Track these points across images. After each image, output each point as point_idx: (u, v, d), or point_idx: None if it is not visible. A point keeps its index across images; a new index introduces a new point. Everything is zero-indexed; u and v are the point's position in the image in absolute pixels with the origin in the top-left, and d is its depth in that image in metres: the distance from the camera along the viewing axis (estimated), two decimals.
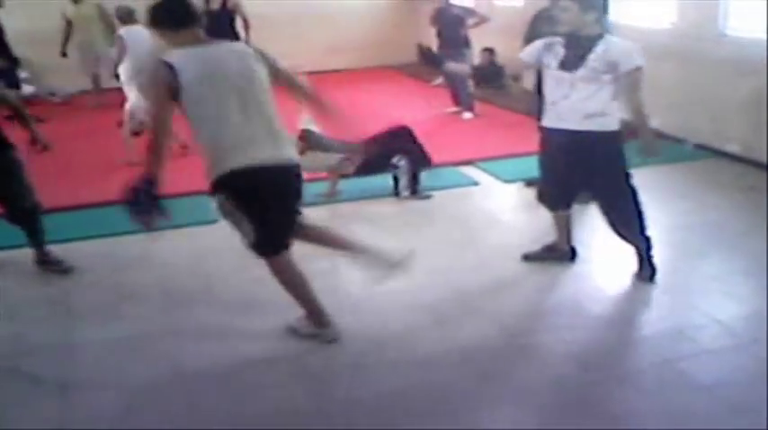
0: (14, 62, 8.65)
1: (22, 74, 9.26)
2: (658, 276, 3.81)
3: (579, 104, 3.52)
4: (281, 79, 3.19)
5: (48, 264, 4.26)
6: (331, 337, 3.33)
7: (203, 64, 2.99)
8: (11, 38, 8.45)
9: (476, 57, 9.16)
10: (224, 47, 3.14)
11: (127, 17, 7.95)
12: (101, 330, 3.55)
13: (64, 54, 8.94)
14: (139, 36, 7.85)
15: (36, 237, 4.25)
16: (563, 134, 3.62)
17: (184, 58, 2.98)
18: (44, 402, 2.97)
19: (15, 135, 4.24)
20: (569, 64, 3.51)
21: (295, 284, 3.28)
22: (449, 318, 3.51)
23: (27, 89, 9.42)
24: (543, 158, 3.88)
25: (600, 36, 3.49)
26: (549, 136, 3.75)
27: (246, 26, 8.18)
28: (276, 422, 2.79)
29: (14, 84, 8.74)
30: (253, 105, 3.03)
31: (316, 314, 3.34)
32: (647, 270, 3.79)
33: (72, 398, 3.00)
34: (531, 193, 5.27)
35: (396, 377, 3.05)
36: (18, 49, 8.70)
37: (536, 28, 4.93)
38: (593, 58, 3.44)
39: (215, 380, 3.07)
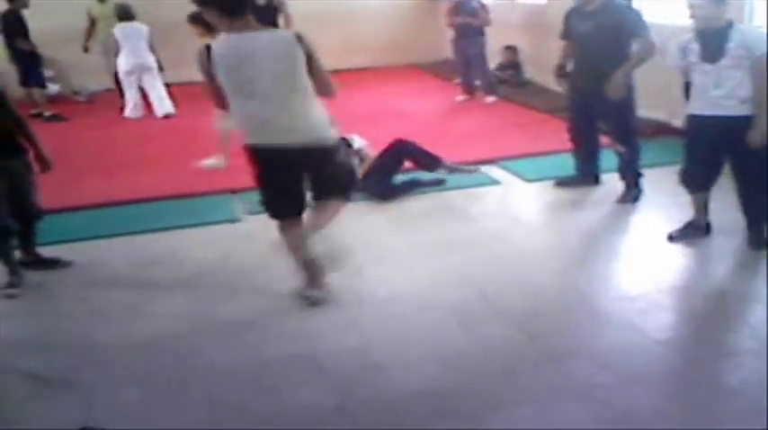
0: (38, 60, 8.77)
1: (47, 73, 9.38)
2: (681, 281, 3.84)
3: (733, 91, 3.72)
4: (311, 69, 3.33)
5: (39, 264, 4.26)
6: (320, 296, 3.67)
7: (236, 52, 3.24)
8: (36, 38, 8.57)
9: (498, 54, 9.20)
10: (266, 35, 3.33)
11: (123, 15, 8.16)
12: (123, 328, 3.58)
13: (86, 49, 9.01)
14: (136, 32, 8.14)
15: (31, 241, 4.26)
16: (718, 120, 3.81)
17: (223, 47, 3.27)
18: (67, 401, 3.00)
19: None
20: (710, 55, 3.73)
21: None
22: (471, 318, 3.50)
23: (52, 88, 9.56)
24: (690, 144, 4.07)
25: (731, 25, 3.71)
26: (700, 123, 3.93)
27: (288, 23, 8.35)
28: (297, 421, 2.80)
29: (41, 83, 8.89)
30: (277, 89, 3.28)
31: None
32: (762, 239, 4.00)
33: (94, 396, 3.03)
34: (556, 193, 5.26)
35: (417, 377, 3.04)
36: (43, 48, 8.81)
37: (571, 24, 4.90)
38: (734, 46, 3.65)
39: (238, 378, 3.09)
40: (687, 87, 4.09)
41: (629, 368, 3.05)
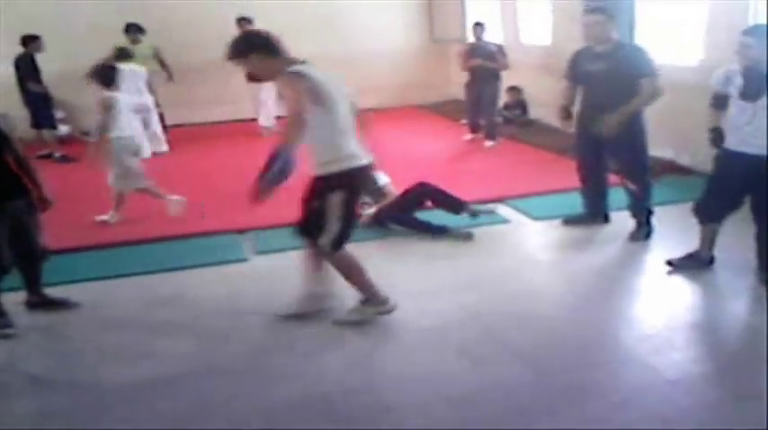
0: (50, 102, 8.89)
1: (58, 114, 9.51)
2: (694, 319, 3.80)
3: (760, 131, 3.77)
4: None
5: (46, 305, 4.23)
6: (391, 307, 3.82)
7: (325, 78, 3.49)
8: (48, 80, 8.70)
9: (503, 95, 9.26)
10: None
11: (121, 56, 8.28)
12: (131, 369, 3.55)
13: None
14: (133, 74, 8.27)
15: (38, 281, 4.23)
16: (744, 157, 3.88)
17: (316, 75, 3.43)
18: None
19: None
20: (750, 93, 3.80)
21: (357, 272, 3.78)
22: (481, 357, 3.46)
23: (62, 129, 9.68)
24: (715, 175, 4.12)
25: None
26: (729, 157, 3.99)
27: None
28: None
29: (52, 124, 9.00)
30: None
31: (374, 295, 3.81)
32: None
33: None
34: (565, 231, 5.25)
35: (427, 418, 3.00)
36: (54, 90, 8.94)
37: (578, 65, 4.93)
38: None
39: (245, 420, 3.05)
40: (716, 100, 4.11)
41: (644, 407, 3.00)
